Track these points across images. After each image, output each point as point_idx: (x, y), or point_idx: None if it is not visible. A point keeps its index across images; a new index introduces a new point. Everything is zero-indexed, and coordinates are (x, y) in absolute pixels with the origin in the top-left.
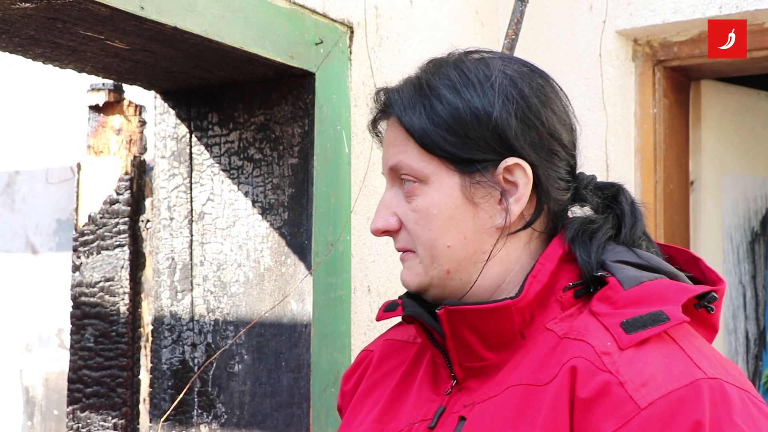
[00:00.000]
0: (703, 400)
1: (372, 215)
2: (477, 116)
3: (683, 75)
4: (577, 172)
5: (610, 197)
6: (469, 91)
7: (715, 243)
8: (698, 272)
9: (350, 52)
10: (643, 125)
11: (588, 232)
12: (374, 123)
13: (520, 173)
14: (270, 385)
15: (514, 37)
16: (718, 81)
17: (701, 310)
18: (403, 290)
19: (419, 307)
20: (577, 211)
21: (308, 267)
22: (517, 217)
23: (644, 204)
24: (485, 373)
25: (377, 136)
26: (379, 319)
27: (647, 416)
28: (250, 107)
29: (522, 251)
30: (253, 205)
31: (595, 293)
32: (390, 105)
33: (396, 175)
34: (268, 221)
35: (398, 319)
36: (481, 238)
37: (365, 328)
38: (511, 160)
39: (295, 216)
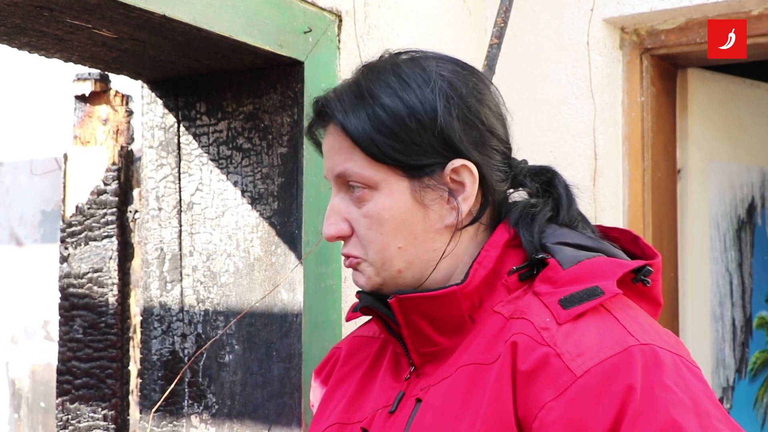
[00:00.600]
0: (635, 365)
1: None
2: (421, 122)
3: (670, 63)
4: (511, 158)
5: (546, 182)
6: (410, 98)
7: (702, 231)
8: (639, 250)
9: (339, 41)
10: (631, 113)
11: (529, 215)
12: (310, 129)
13: (466, 173)
14: (261, 375)
15: (503, 25)
16: (704, 69)
17: (639, 284)
18: None
19: (374, 300)
20: (515, 196)
21: (298, 257)
22: (465, 214)
23: (577, 186)
24: (440, 358)
25: (312, 139)
26: (348, 319)
27: (583, 384)
28: (239, 96)
29: (470, 243)
30: (243, 195)
31: (538, 275)
32: (331, 113)
33: (343, 181)
34: (257, 211)
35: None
36: (432, 237)
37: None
38: (457, 162)
39: (284, 205)
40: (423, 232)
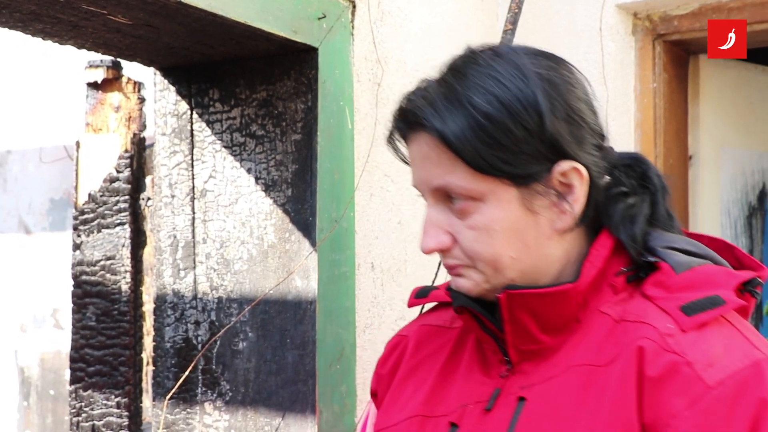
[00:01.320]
0: (765, 378)
1: (375, 192)
2: (528, 129)
3: (682, 49)
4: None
5: (640, 174)
6: (512, 102)
7: (713, 217)
8: (734, 260)
9: (352, 27)
10: (643, 100)
11: (628, 218)
12: (392, 136)
13: (575, 175)
14: (275, 362)
15: (517, 11)
16: None
17: (745, 294)
18: (409, 267)
19: (467, 298)
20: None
21: (313, 244)
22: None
23: (669, 176)
24: (540, 356)
25: (392, 144)
26: (410, 305)
27: (717, 395)
28: (252, 83)
29: (576, 242)
30: (256, 182)
31: (647, 278)
32: (426, 121)
33: (442, 193)
34: (271, 198)
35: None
36: (544, 243)
37: (369, 305)
38: (566, 165)
39: (298, 192)
40: (535, 240)
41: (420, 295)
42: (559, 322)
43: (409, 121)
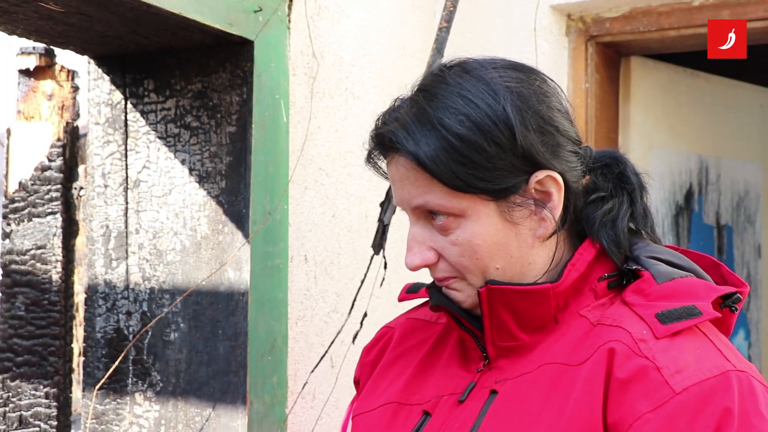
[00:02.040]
0: (732, 390)
1: (310, 185)
2: (500, 145)
3: (614, 51)
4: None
5: (618, 174)
6: (483, 120)
7: None
8: (719, 277)
9: (289, 21)
10: (576, 99)
11: (609, 222)
12: (371, 155)
13: (551, 182)
14: (206, 353)
15: (452, 9)
16: (647, 58)
17: (725, 309)
18: (343, 260)
19: (446, 299)
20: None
21: (246, 235)
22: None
23: (647, 173)
24: (517, 353)
25: (371, 163)
26: (401, 299)
27: (681, 401)
28: (188, 74)
29: (560, 246)
30: (190, 173)
31: (628, 285)
32: (400, 145)
33: (422, 211)
34: (205, 189)
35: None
36: (527, 252)
37: (302, 297)
38: (541, 174)
39: (232, 184)
40: (518, 249)
41: (411, 290)
42: (538, 321)
43: (384, 145)
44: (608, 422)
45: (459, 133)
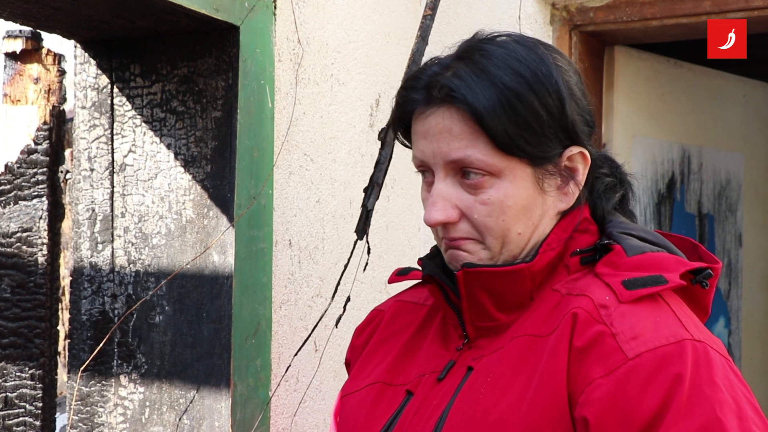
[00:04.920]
0: (686, 357)
1: (294, 170)
2: (552, 114)
3: (598, 40)
4: None
5: (615, 169)
6: (540, 88)
7: None
8: (696, 257)
9: (275, 7)
10: None
11: (609, 190)
12: (402, 108)
13: (580, 159)
14: (191, 335)
15: None
16: (630, 47)
17: (696, 286)
18: (327, 245)
19: (438, 269)
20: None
21: (230, 220)
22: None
23: (633, 175)
24: (495, 333)
25: (395, 127)
26: (391, 281)
27: (633, 366)
28: (174, 59)
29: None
30: (176, 158)
31: (601, 259)
32: (456, 94)
33: (456, 166)
34: (190, 174)
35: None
36: (545, 222)
37: (286, 281)
38: (575, 149)
39: (217, 169)
40: (539, 218)
41: (401, 273)
42: (515, 301)
43: (432, 95)
44: (569, 389)
45: (518, 92)
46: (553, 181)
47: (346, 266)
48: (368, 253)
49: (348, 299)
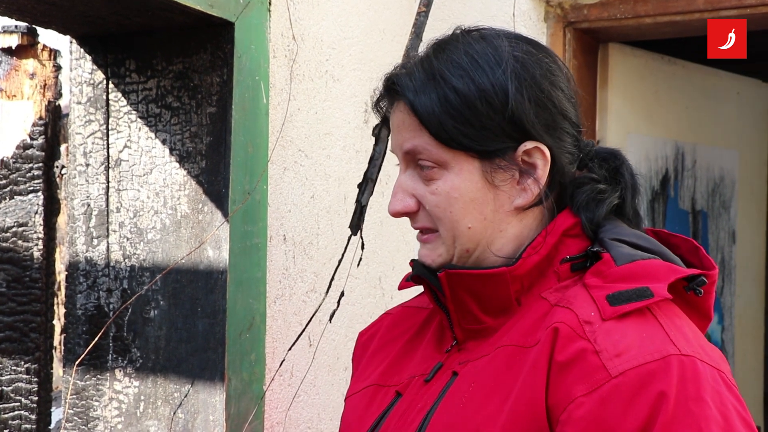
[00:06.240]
0: (671, 374)
1: (289, 166)
2: (492, 105)
3: (592, 37)
4: (580, 140)
5: (614, 168)
6: (481, 80)
7: None
8: (697, 260)
9: (269, 3)
10: None
11: (594, 201)
12: (378, 103)
13: (538, 155)
14: (186, 330)
15: None
16: (624, 44)
17: (690, 293)
18: (321, 240)
19: (426, 270)
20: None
21: (225, 215)
22: (536, 195)
23: (641, 174)
24: (483, 336)
25: (378, 112)
26: (401, 288)
27: (616, 384)
28: (169, 55)
29: (534, 225)
30: (171, 153)
31: (590, 267)
32: (401, 90)
33: (412, 158)
34: (185, 169)
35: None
36: (500, 217)
37: (280, 276)
38: (529, 144)
39: (212, 164)
40: (492, 213)
41: (409, 277)
42: (499, 304)
43: (389, 89)
44: (549, 404)
45: (455, 86)
46: (505, 175)
47: (340, 261)
48: (362, 248)
49: (342, 294)
